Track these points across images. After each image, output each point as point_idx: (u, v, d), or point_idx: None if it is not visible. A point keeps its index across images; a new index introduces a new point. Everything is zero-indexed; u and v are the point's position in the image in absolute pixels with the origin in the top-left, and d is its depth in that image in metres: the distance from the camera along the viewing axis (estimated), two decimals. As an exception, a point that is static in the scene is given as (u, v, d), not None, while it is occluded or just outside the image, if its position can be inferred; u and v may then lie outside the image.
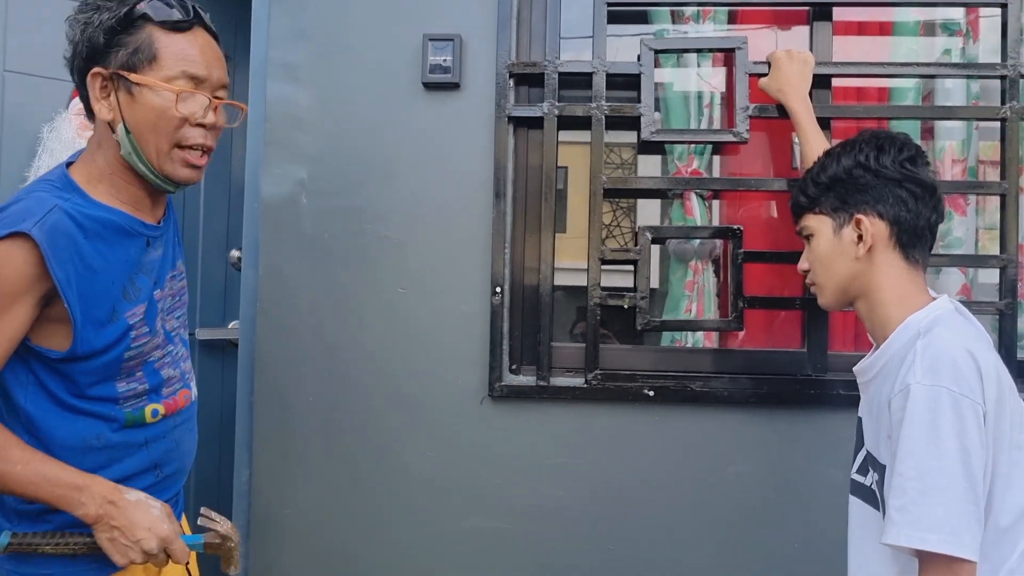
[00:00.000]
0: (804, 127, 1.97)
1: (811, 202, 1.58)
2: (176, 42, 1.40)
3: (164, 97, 1.38)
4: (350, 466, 2.18)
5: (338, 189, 2.21)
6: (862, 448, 1.57)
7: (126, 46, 1.38)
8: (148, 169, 1.42)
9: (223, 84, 1.47)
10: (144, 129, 1.39)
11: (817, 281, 1.61)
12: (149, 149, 1.40)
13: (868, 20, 2.32)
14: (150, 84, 1.37)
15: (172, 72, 1.39)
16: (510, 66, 2.16)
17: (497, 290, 2.14)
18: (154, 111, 1.38)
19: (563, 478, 2.15)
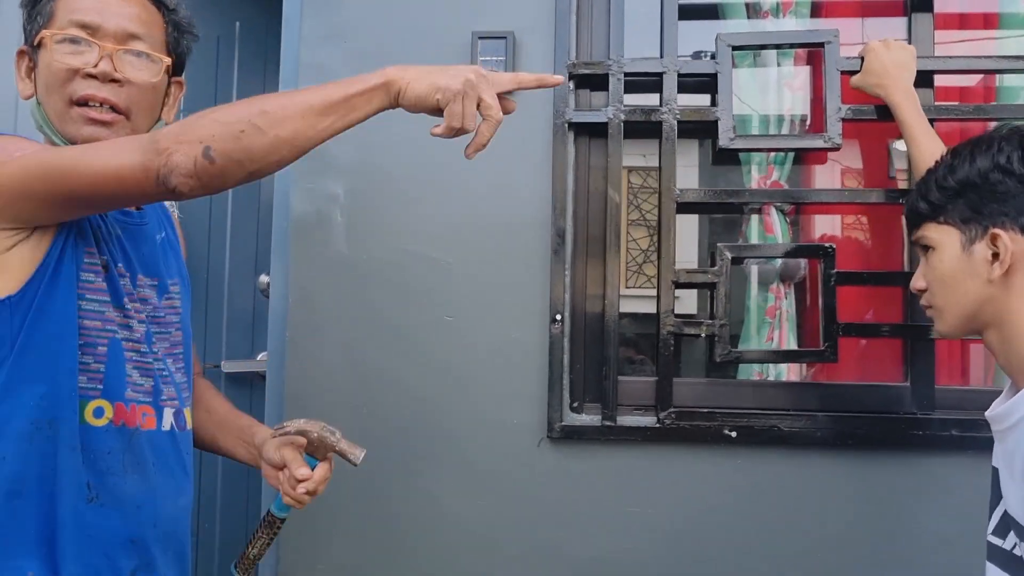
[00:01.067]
0: (911, 124, 1.71)
1: (934, 210, 1.30)
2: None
3: (50, 50, 1.26)
4: (388, 516, 1.94)
5: (376, 205, 1.98)
6: (999, 505, 1.30)
7: (35, 16, 1.29)
8: (56, 136, 1.28)
9: (131, 34, 1.29)
10: (43, 92, 1.28)
11: (935, 304, 1.33)
12: (51, 113, 1.28)
13: (971, 12, 2.06)
14: (41, 40, 1.27)
15: (61, 24, 1.26)
16: (570, 66, 1.92)
17: (557, 318, 1.90)
18: (44, 68, 1.27)
19: (632, 529, 1.89)
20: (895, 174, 1.96)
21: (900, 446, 1.84)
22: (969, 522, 1.81)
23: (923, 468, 1.84)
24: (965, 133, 2.05)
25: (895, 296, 2.06)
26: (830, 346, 1.84)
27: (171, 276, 1.43)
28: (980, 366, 2.10)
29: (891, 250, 2.05)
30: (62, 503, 1.19)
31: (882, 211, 2.04)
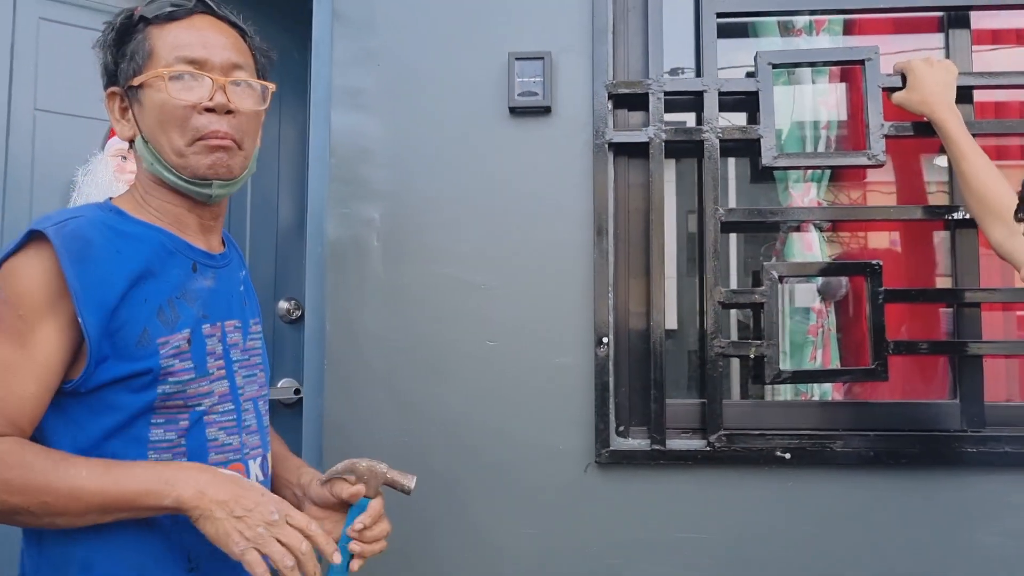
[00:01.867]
0: (959, 141, 1.70)
1: None
2: (170, 32, 1.27)
3: (162, 88, 1.24)
4: (435, 548, 1.89)
5: (414, 229, 1.95)
6: None
7: (127, 58, 1.27)
8: (172, 174, 1.26)
9: (234, 64, 1.29)
10: (155, 132, 1.26)
11: None
12: (166, 151, 1.26)
13: (1005, 28, 2.06)
14: (147, 80, 1.25)
15: (167, 61, 1.25)
16: (609, 86, 1.90)
17: (604, 340, 1.87)
18: (157, 107, 1.24)
19: (685, 555, 1.85)
20: (932, 190, 1.95)
21: (952, 464, 1.82)
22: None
23: (977, 486, 1.82)
24: (1003, 152, 2.06)
25: (934, 312, 2.05)
26: (880, 364, 1.82)
27: (253, 315, 1.42)
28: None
29: (930, 266, 2.04)
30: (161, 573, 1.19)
31: (923, 227, 2.03)
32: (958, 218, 1.85)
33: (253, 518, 1.12)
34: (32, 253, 1.15)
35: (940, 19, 1.98)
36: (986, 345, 1.86)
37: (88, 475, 1.11)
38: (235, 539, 1.10)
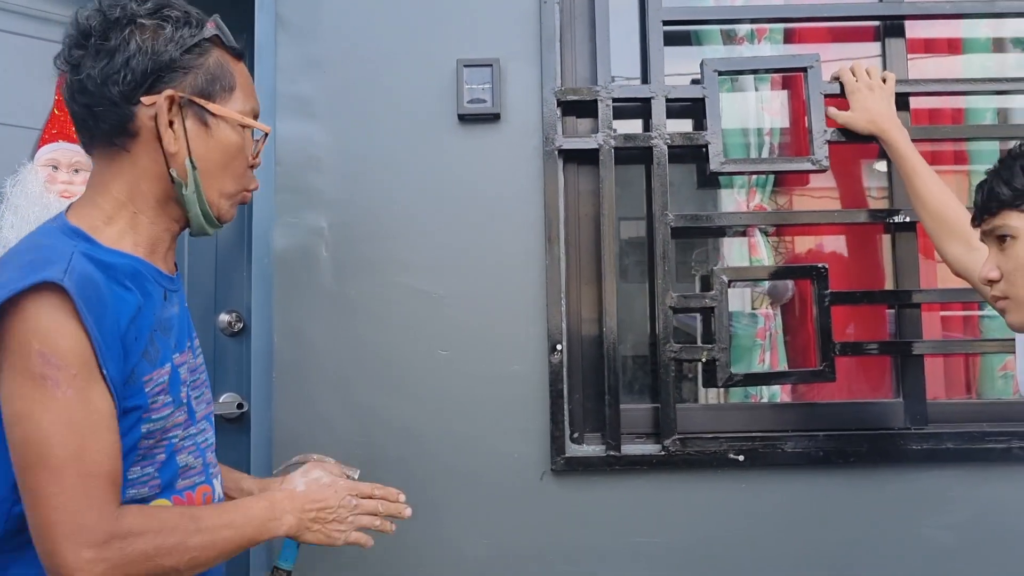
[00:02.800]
0: (910, 158, 1.74)
1: (1018, 197, 1.26)
2: (242, 72, 1.24)
3: (241, 134, 1.21)
4: (387, 561, 1.86)
5: (363, 238, 1.92)
6: None
7: (200, 69, 1.17)
8: (204, 212, 1.21)
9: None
10: (214, 167, 1.20)
11: (1013, 295, 1.30)
12: (212, 190, 1.21)
13: (936, 38, 2.13)
14: (232, 118, 1.19)
15: (245, 107, 1.22)
16: (558, 93, 1.91)
17: (558, 347, 1.86)
18: (230, 148, 1.21)
19: (641, 560, 1.86)
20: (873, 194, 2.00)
21: (897, 461, 1.87)
22: (969, 532, 1.86)
23: (921, 482, 1.87)
24: (937, 156, 2.12)
25: (878, 313, 2.10)
26: (828, 365, 1.86)
27: (192, 331, 1.33)
28: (962, 380, 2.16)
29: (876, 268, 2.09)
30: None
31: (866, 231, 2.08)
32: (899, 221, 1.90)
33: (340, 515, 1.33)
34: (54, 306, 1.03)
35: (876, 29, 2.03)
36: (929, 344, 1.91)
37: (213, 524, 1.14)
38: (335, 537, 1.32)
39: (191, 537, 1.11)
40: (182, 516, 1.12)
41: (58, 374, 1.02)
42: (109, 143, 1.16)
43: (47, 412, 1.01)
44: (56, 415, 1.01)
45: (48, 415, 1.01)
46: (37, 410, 1.01)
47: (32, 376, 1.01)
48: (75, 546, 1.01)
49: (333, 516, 1.32)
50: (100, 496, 1.04)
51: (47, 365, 1.01)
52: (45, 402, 1.01)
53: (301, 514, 1.28)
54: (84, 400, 1.03)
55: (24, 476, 1.02)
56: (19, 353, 1.02)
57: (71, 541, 1.01)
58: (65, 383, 1.02)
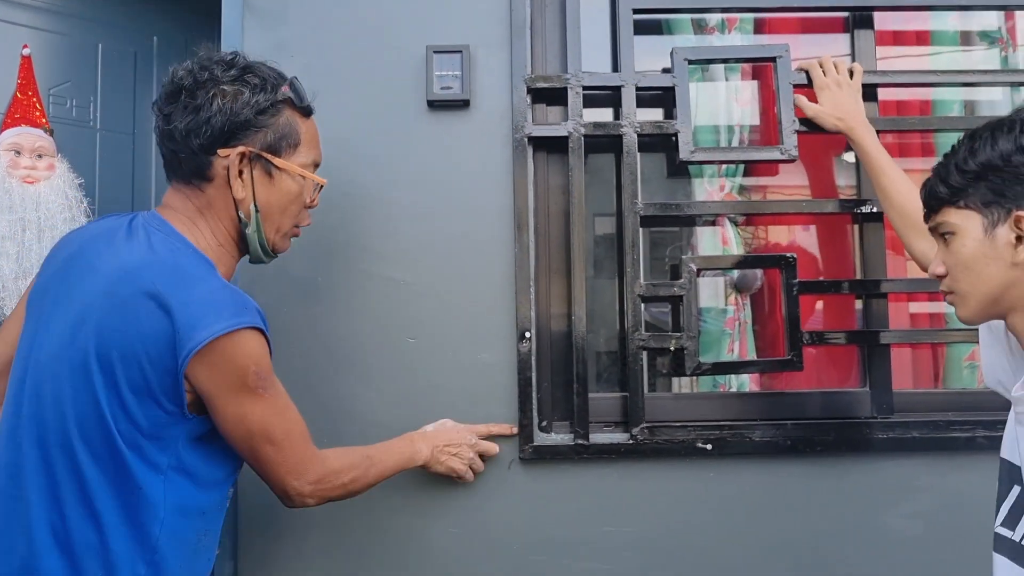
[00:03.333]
0: (877, 157, 1.75)
1: (954, 194, 1.27)
2: (309, 129, 1.48)
3: (300, 184, 1.45)
4: (356, 549, 1.85)
5: (331, 225, 1.90)
6: (1009, 496, 1.32)
7: (270, 128, 1.40)
8: (261, 246, 1.46)
9: None
10: (273, 210, 1.44)
11: (958, 289, 1.30)
12: (270, 228, 1.46)
13: (905, 30, 2.15)
14: (293, 171, 1.44)
15: (307, 159, 1.46)
16: (528, 80, 1.90)
17: (526, 335, 1.86)
18: (289, 196, 1.45)
19: (610, 549, 1.86)
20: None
21: (863, 450, 1.88)
22: (933, 520, 1.87)
23: (886, 471, 1.88)
24: (904, 148, 2.14)
25: (845, 303, 2.11)
26: (796, 354, 1.86)
27: None
28: (929, 370, 2.18)
29: (844, 259, 2.10)
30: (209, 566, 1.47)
31: (834, 221, 2.09)
32: (866, 212, 1.91)
33: (461, 450, 1.77)
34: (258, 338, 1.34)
35: (845, 20, 2.04)
36: (896, 334, 1.92)
37: (380, 459, 1.60)
38: (458, 469, 1.77)
39: (369, 469, 1.56)
40: (361, 455, 1.57)
41: (264, 383, 1.34)
42: (188, 182, 1.41)
43: (262, 409, 1.34)
44: (268, 409, 1.35)
45: (265, 411, 1.34)
46: (257, 410, 1.33)
47: (251, 390, 1.32)
48: (300, 483, 1.42)
49: (456, 451, 1.76)
50: (307, 451, 1.43)
51: (259, 380, 1.33)
52: (260, 403, 1.34)
53: (432, 449, 1.72)
54: (277, 391, 1.38)
55: (251, 452, 1.37)
56: (239, 374, 1.30)
57: (298, 480, 1.41)
58: (269, 386, 1.35)
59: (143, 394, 1.26)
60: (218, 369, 1.28)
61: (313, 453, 1.44)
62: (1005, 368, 1.37)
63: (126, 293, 1.27)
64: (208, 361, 1.27)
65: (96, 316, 1.27)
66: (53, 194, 2.18)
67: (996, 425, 1.82)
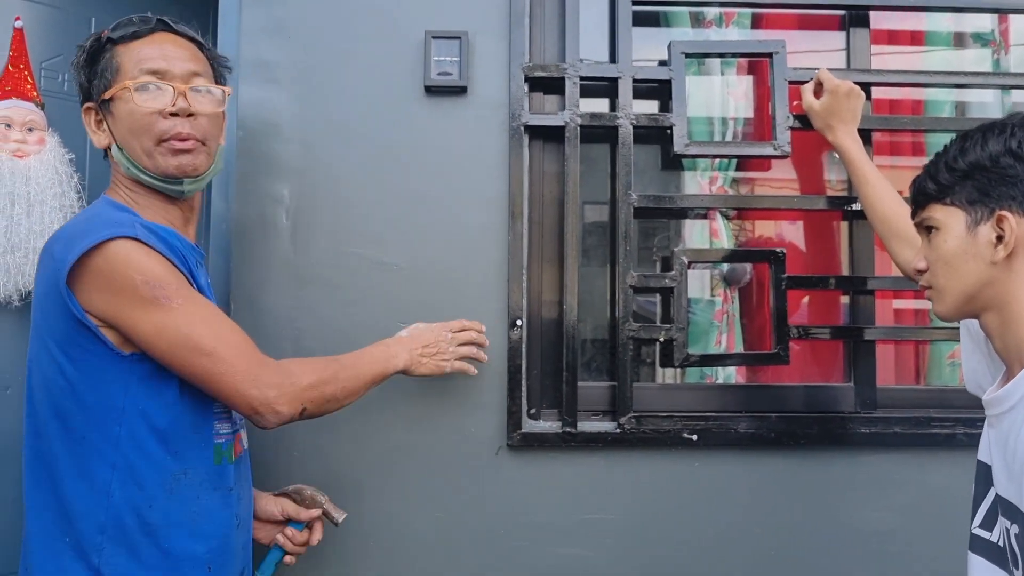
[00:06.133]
0: (862, 166, 1.77)
1: (941, 191, 1.29)
2: (134, 49, 1.43)
3: (128, 98, 1.40)
4: (343, 532, 1.85)
5: (324, 208, 1.90)
6: (986, 498, 1.35)
7: (99, 74, 1.43)
8: (145, 174, 1.42)
9: (193, 72, 1.46)
10: (127, 137, 1.42)
11: (936, 284, 1.32)
12: (138, 154, 1.42)
13: (900, 29, 2.17)
14: (116, 93, 1.41)
15: (132, 75, 1.41)
16: (526, 68, 1.90)
17: (517, 323, 1.87)
18: (126, 116, 1.41)
19: (593, 536, 1.88)
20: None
21: (846, 444, 1.91)
22: (911, 515, 1.91)
23: (868, 465, 1.91)
24: (896, 147, 2.16)
25: (831, 299, 2.14)
26: (783, 348, 1.89)
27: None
28: (911, 367, 2.21)
29: (830, 255, 2.13)
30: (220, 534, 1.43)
31: (823, 218, 2.11)
32: (856, 209, 1.93)
33: (441, 347, 1.70)
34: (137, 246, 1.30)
35: (842, 18, 2.06)
36: (881, 331, 1.95)
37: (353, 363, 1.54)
38: (442, 367, 1.70)
39: (339, 372, 1.48)
40: (326, 360, 1.52)
41: (165, 291, 1.29)
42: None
43: (175, 320, 1.29)
44: (184, 319, 1.30)
45: (178, 321, 1.30)
46: (170, 321, 1.29)
47: (150, 301, 1.28)
48: (261, 390, 1.35)
49: (436, 350, 1.69)
50: (254, 356, 1.38)
51: (155, 288, 1.28)
52: (172, 314, 1.29)
53: (411, 352, 1.64)
54: (195, 302, 1.33)
55: (192, 371, 1.33)
56: (127, 285, 1.28)
57: (257, 389, 1.35)
58: (174, 296, 1.30)
59: (67, 342, 1.32)
60: (103, 288, 1.29)
61: (264, 359, 1.40)
62: (984, 373, 1.40)
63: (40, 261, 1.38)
64: (89, 284, 1.29)
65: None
66: (43, 168, 2.15)
67: (976, 423, 1.85)
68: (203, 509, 1.40)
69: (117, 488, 1.32)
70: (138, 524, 1.33)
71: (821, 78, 1.86)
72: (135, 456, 1.33)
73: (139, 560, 1.33)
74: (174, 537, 1.35)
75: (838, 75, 1.87)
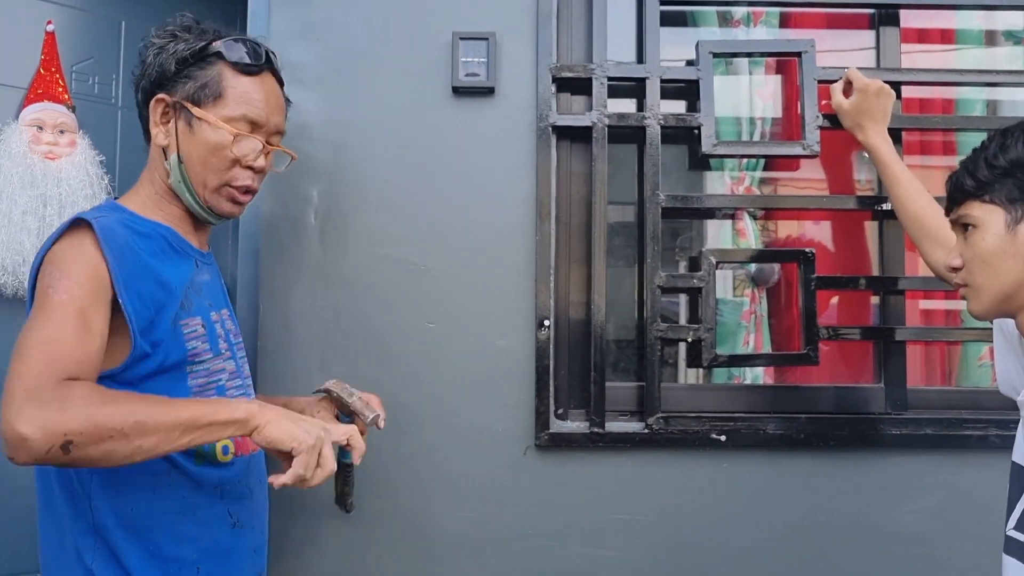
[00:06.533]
0: (893, 166, 1.75)
1: (980, 188, 1.27)
2: (243, 84, 1.42)
3: (220, 135, 1.39)
4: (371, 530, 1.87)
5: (353, 208, 1.91)
6: (1021, 499, 1.33)
7: (195, 79, 1.39)
8: (193, 199, 1.42)
9: (279, 131, 1.49)
10: (196, 162, 1.40)
11: (973, 283, 1.30)
12: (197, 181, 1.41)
13: (930, 27, 2.15)
14: (210, 120, 1.38)
15: (233, 113, 1.40)
16: (554, 69, 1.90)
17: (545, 323, 1.87)
18: (208, 147, 1.39)
19: (621, 537, 1.88)
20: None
21: (876, 446, 1.89)
22: (943, 517, 1.89)
23: (899, 467, 1.90)
24: (926, 146, 2.14)
25: (858, 299, 2.12)
26: (812, 349, 1.88)
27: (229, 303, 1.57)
28: (941, 368, 2.19)
29: (859, 255, 2.11)
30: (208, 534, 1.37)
31: (852, 217, 2.10)
32: (886, 208, 1.91)
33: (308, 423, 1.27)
34: (78, 238, 1.24)
35: (871, 16, 2.04)
36: (912, 331, 1.93)
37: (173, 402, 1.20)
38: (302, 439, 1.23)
39: (143, 401, 1.17)
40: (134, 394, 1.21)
41: (59, 283, 1.19)
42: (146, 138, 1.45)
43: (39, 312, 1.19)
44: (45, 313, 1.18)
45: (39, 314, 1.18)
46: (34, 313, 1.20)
47: (42, 290, 1.20)
48: (20, 405, 1.08)
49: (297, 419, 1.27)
50: (57, 372, 1.13)
51: (54, 279, 1.20)
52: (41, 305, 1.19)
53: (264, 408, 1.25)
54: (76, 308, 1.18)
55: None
56: (40, 279, 1.23)
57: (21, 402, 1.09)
58: (63, 290, 1.19)
59: None
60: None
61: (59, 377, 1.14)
62: (1018, 373, 1.39)
63: None
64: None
65: None
66: (74, 170, 2.18)
67: (1010, 424, 1.84)
68: (189, 509, 1.34)
69: (97, 491, 1.29)
70: (122, 527, 1.30)
71: (850, 77, 1.85)
72: None
73: (126, 563, 1.30)
74: (159, 539, 1.32)
75: (868, 74, 1.86)
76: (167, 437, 1.15)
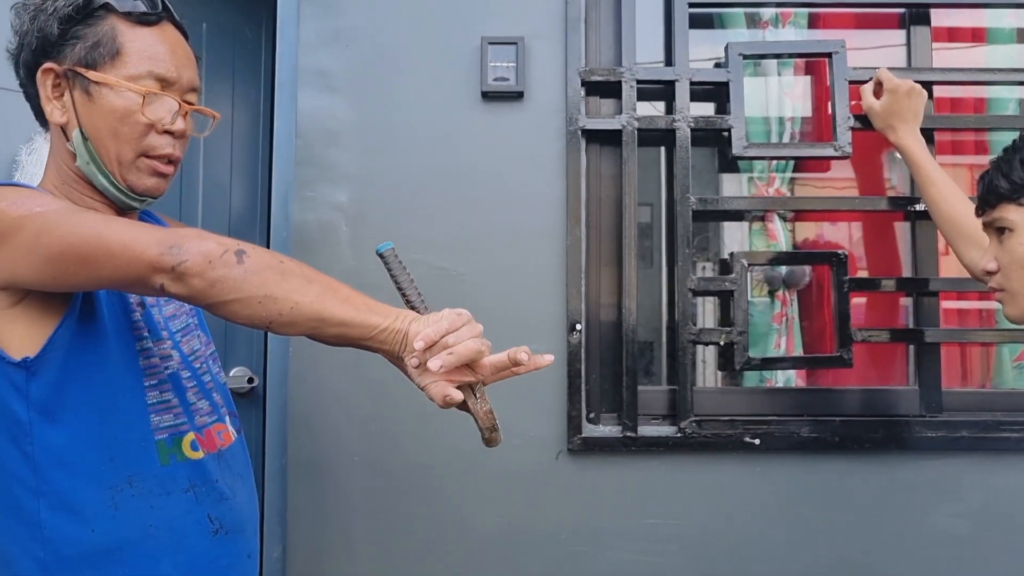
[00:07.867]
0: (926, 167, 1.73)
1: (1015, 190, 1.26)
2: (142, 37, 1.19)
3: (127, 98, 1.17)
4: (401, 538, 1.87)
5: (383, 214, 1.92)
6: None
7: (84, 39, 1.17)
8: (108, 181, 1.19)
9: (194, 87, 1.25)
10: (104, 135, 1.17)
11: (1009, 287, 1.31)
12: (109, 158, 1.19)
13: (961, 26, 2.13)
14: (112, 83, 1.16)
15: (137, 70, 1.18)
16: (583, 73, 1.90)
17: (577, 327, 1.87)
18: (115, 114, 1.17)
19: (655, 541, 1.87)
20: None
21: (912, 448, 1.88)
22: (980, 520, 1.87)
23: (934, 469, 1.88)
24: (958, 145, 2.12)
25: (889, 301, 2.11)
26: (846, 351, 1.87)
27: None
28: (978, 369, 2.17)
29: (889, 256, 2.10)
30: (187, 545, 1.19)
31: (884, 219, 2.08)
32: (918, 209, 1.90)
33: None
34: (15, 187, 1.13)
35: (901, 16, 2.03)
36: (946, 333, 1.92)
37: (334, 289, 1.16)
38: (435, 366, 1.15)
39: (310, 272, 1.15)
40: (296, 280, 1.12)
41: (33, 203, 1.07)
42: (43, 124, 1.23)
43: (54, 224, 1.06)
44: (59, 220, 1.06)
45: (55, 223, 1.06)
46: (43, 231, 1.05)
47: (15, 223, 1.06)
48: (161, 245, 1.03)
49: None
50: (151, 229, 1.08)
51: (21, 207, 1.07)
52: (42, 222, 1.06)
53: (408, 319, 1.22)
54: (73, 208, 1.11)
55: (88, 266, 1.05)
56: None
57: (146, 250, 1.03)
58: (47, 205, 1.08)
59: None
60: None
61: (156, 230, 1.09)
62: None
63: None
64: None
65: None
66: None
67: (1047, 426, 1.82)
68: (160, 520, 1.17)
69: (47, 516, 1.11)
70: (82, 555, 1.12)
71: (881, 78, 1.83)
72: (59, 474, 1.11)
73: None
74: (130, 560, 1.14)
75: (898, 74, 1.84)
76: (310, 324, 1.13)
